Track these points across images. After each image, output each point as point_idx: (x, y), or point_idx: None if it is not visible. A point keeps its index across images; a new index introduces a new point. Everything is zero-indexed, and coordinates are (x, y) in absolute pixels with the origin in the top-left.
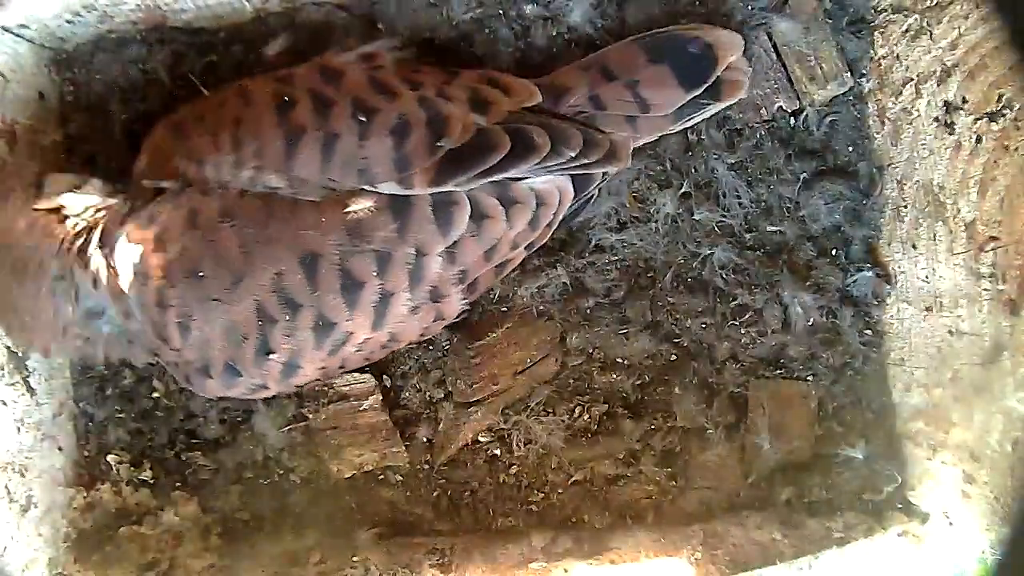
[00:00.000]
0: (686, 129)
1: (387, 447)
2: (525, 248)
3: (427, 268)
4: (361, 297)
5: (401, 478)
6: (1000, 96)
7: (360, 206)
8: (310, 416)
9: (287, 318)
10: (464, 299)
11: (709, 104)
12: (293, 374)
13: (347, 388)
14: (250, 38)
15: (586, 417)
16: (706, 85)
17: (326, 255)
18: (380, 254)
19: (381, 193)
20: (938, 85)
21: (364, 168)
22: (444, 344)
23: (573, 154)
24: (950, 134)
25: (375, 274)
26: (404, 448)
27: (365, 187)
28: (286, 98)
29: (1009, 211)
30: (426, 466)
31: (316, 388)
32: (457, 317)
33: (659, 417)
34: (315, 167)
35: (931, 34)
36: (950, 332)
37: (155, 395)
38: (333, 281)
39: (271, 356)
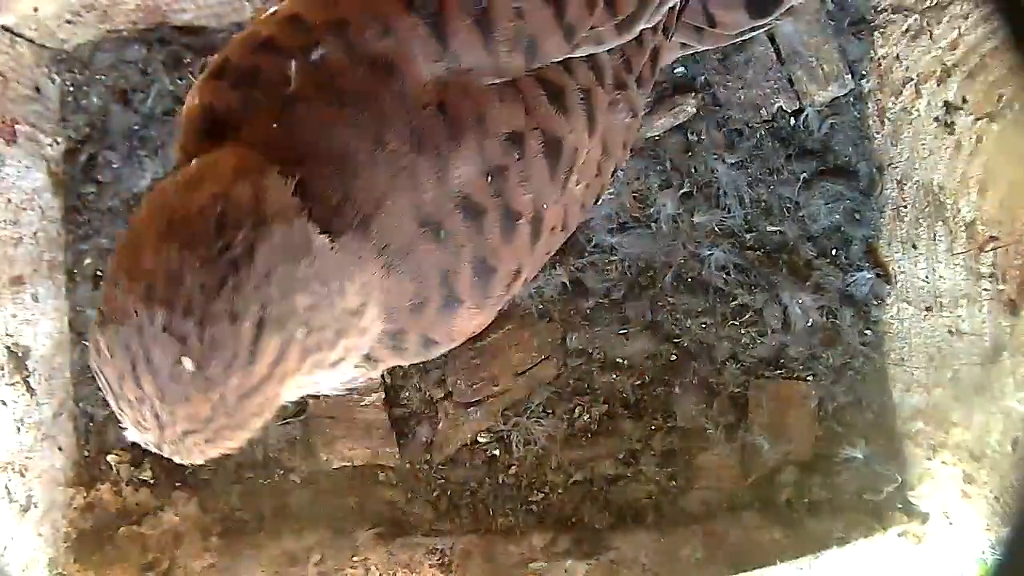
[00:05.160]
0: (686, 129)
1: (381, 446)
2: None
3: (599, 58)
4: (568, 101)
5: (400, 478)
6: (1000, 96)
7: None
8: (310, 402)
9: (517, 157)
10: (642, 94)
11: (764, 25)
12: (540, 232)
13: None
14: None
15: (586, 417)
16: (770, 19)
17: (521, 81)
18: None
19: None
20: (938, 85)
21: (532, 43)
22: None
23: None
24: (950, 134)
25: (568, 77)
26: (397, 449)
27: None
28: None
29: (1009, 211)
30: (425, 466)
31: None
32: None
33: (659, 417)
34: (479, 50)
35: (931, 34)
36: (950, 332)
37: None
38: (538, 95)
39: (519, 221)
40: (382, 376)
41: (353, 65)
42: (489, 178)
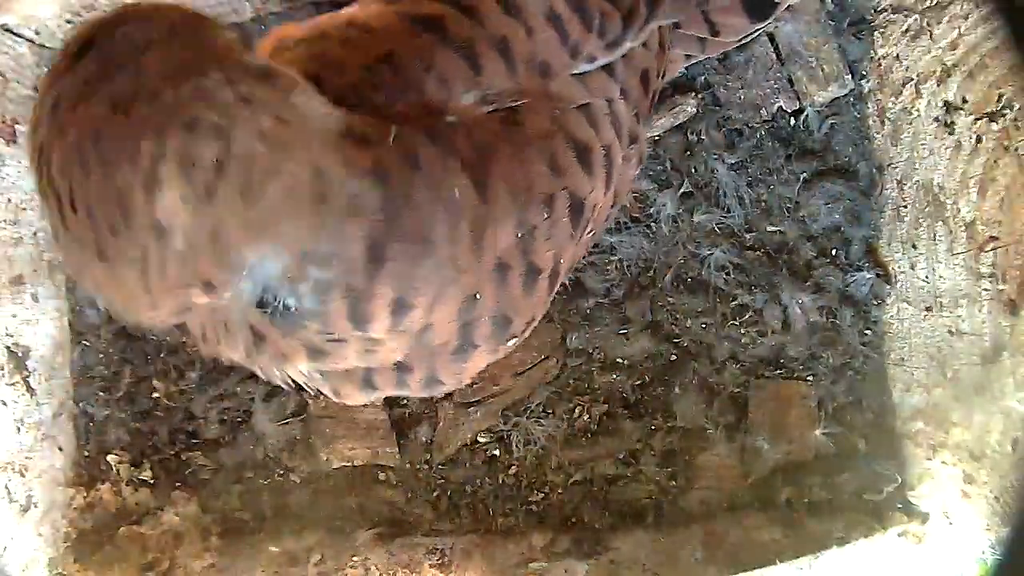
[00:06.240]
0: (686, 129)
1: (381, 446)
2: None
3: (619, 111)
4: (592, 160)
5: (400, 478)
6: (1000, 96)
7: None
8: (310, 403)
9: (545, 216)
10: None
11: (765, 26)
12: (555, 283)
13: None
14: (250, 38)
15: (586, 417)
16: (769, 21)
17: (555, 136)
18: (585, 110)
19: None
20: (938, 85)
21: (545, 64)
22: None
23: None
24: (950, 134)
25: (594, 134)
26: (397, 449)
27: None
28: (426, 16)
29: (1009, 211)
30: (425, 466)
31: None
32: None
33: (659, 417)
34: (503, 75)
35: (931, 34)
36: (950, 332)
37: (155, 395)
38: (570, 156)
39: (540, 276)
40: None
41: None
42: (519, 236)
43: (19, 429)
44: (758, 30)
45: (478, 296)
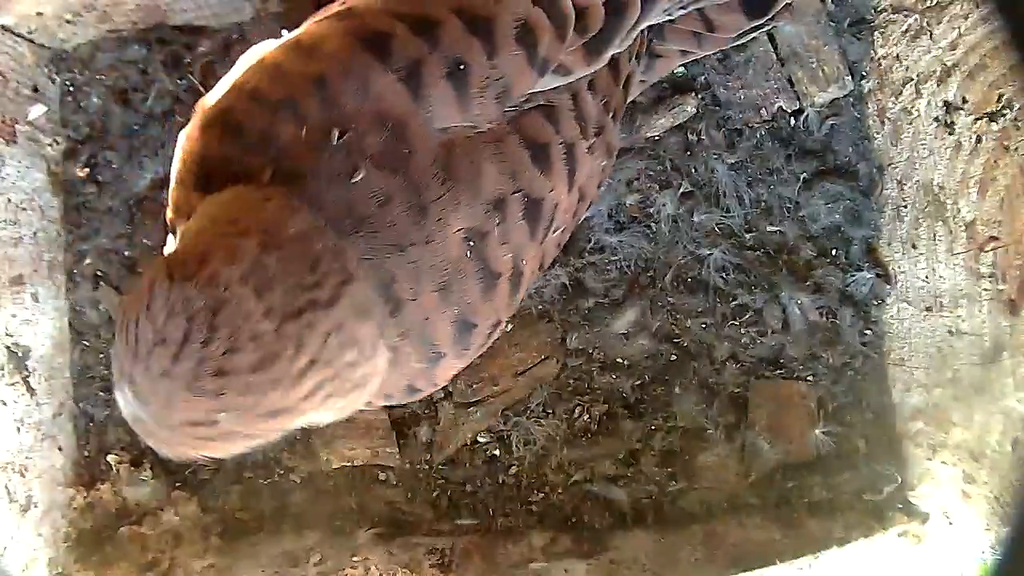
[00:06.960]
0: (686, 129)
1: (381, 446)
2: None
3: (585, 105)
4: (551, 158)
5: (400, 478)
6: (1000, 96)
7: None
8: None
9: (497, 222)
10: (617, 128)
11: (764, 26)
12: (519, 285)
13: None
14: (250, 38)
15: (586, 417)
16: (767, 17)
17: (506, 138)
18: (545, 109)
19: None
20: (938, 85)
21: (504, 89)
22: None
23: None
24: (950, 134)
25: (554, 132)
26: (397, 449)
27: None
28: (373, 33)
29: (1009, 211)
30: (425, 466)
31: None
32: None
33: (659, 417)
34: (452, 107)
35: (931, 34)
36: (950, 332)
37: None
38: (523, 157)
39: (499, 280)
40: None
41: (364, 124)
42: (471, 243)
43: (19, 429)
44: (757, 28)
45: (452, 289)
